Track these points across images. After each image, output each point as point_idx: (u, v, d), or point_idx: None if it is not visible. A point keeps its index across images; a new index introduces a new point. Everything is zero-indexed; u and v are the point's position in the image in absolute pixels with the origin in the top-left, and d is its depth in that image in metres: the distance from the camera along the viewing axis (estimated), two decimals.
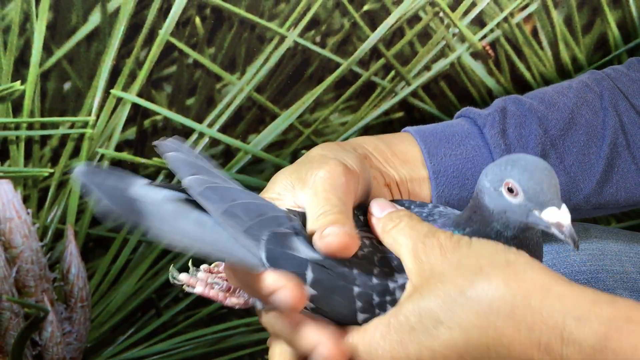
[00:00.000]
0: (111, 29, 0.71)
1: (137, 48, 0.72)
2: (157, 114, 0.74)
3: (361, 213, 0.48)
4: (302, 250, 0.44)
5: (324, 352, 0.44)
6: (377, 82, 0.76)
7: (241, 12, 0.73)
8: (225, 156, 0.76)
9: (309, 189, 0.46)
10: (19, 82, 0.71)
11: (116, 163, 0.74)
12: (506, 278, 0.41)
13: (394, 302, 0.44)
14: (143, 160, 0.75)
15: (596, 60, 0.78)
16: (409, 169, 0.54)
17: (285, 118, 0.76)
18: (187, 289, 0.47)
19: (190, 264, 0.47)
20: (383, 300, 0.44)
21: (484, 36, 0.76)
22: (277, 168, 0.70)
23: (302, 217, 0.46)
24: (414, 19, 0.75)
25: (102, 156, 0.74)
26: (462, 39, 0.76)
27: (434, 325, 0.42)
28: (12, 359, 0.77)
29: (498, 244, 0.43)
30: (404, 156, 0.54)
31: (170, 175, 0.76)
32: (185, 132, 0.74)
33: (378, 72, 0.76)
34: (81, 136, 0.73)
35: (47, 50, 0.70)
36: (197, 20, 0.72)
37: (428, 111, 0.77)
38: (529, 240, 0.44)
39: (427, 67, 0.76)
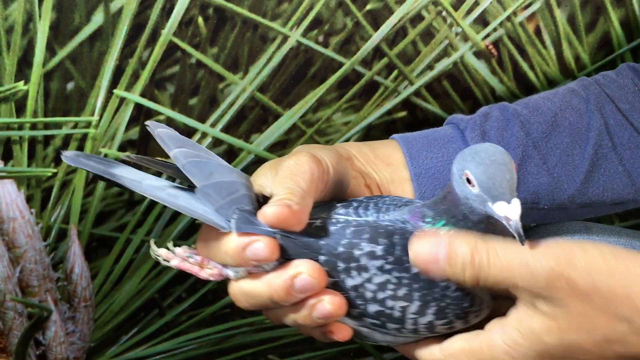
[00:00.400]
0: (114, 29, 0.71)
1: (140, 48, 0.72)
2: (160, 114, 0.74)
3: (342, 205, 0.49)
4: (264, 226, 0.47)
5: (305, 278, 0.45)
6: (380, 81, 0.76)
7: (244, 11, 0.73)
8: (228, 156, 0.76)
9: (277, 176, 0.49)
10: (22, 82, 0.71)
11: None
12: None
13: (359, 269, 0.46)
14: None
15: (599, 59, 0.78)
16: (391, 170, 0.55)
17: (288, 118, 0.76)
18: (164, 263, 0.50)
19: (169, 244, 0.50)
20: (347, 267, 0.46)
21: (487, 35, 0.76)
22: None
23: None
24: (417, 18, 0.75)
25: (106, 156, 0.74)
26: (465, 38, 0.76)
27: (582, 354, 0.43)
28: (15, 358, 0.77)
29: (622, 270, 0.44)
30: (386, 159, 0.55)
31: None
32: (188, 132, 0.74)
33: (381, 71, 0.76)
34: (84, 136, 0.73)
35: (50, 51, 0.70)
36: (200, 20, 0.72)
37: (431, 111, 0.77)
38: (495, 226, 0.46)
39: (430, 67, 0.76)
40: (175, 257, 0.50)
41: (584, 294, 0.43)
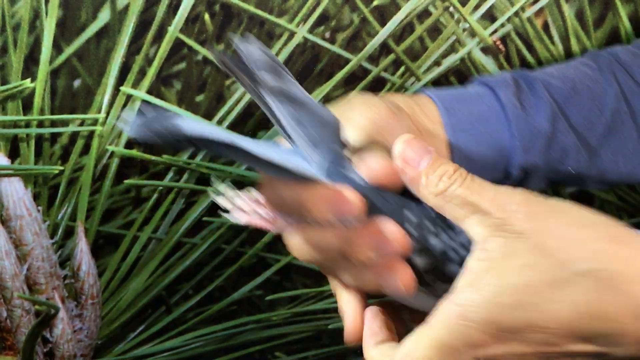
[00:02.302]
0: (121, 26, 0.70)
1: (147, 45, 0.72)
2: (167, 111, 0.74)
3: None
4: (357, 176, 0.43)
5: (389, 237, 0.42)
6: (387, 77, 0.76)
7: (250, 8, 0.72)
8: None
9: (351, 124, 0.46)
10: (29, 79, 0.70)
11: (126, 160, 0.74)
12: (616, 251, 0.41)
13: (448, 229, 0.43)
14: (153, 158, 0.74)
15: None
16: (435, 128, 0.53)
17: None
18: (231, 218, 0.45)
19: (231, 190, 0.46)
20: (437, 230, 0.43)
21: (495, 31, 0.76)
22: None
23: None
24: (424, 14, 0.75)
25: (112, 153, 0.74)
26: (473, 33, 0.76)
27: (535, 301, 0.41)
28: (23, 356, 0.77)
29: (590, 211, 0.43)
30: (431, 115, 0.53)
31: (179, 172, 0.76)
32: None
33: (388, 67, 0.76)
34: (91, 133, 0.73)
35: (57, 48, 0.70)
36: (207, 16, 0.72)
37: None
38: None
39: (437, 63, 0.76)
40: (244, 212, 0.45)
41: (545, 228, 0.42)
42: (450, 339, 0.42)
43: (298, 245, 0.45)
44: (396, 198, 0.43)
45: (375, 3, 0.74)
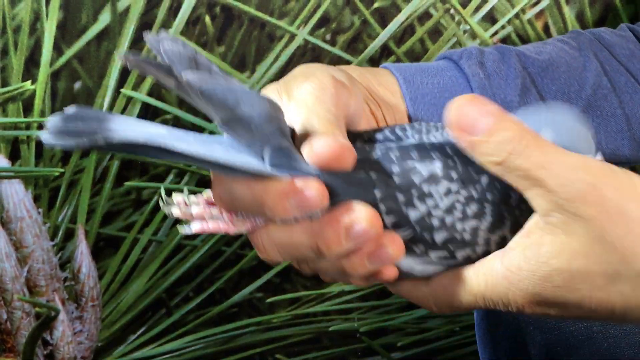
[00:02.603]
0: (121, 28, 0.70)
1: (147, 47, 0.71)
2: (167, 113, 0.74)
3: (370, 132, 0.43)
4: (304, 165, 0.40)
5: (362, 227, 0.39)
6: None
7: (251, 10, 0.72)
8: None
9: (294, 102, 0.41)
10: (29, 81, 0.70)
11: (126, 162, 0.74)
12: None
13: (422, 196, 0.40)
14: (153, 160, 0.74)
15: None
16: (395, 100, 0.50)
17: None
18: (184, 230, 0.41)
19: (181, 195, 0.41)
20: (409, 198, 0.40)
21: (495, 33, 0.76)
22: None
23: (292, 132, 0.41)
24: (425, 16, 0.75)
25: (113, 155, 0.74)
26: (473, 35, 0.76)
27: (588, 288, 0.39)
28: (23, 358, 0.77)
29: None
30: (390, 87, 0.50)
31: (180, 174, 0.76)
32: (195, 131, 0.74)
33: None
34: None
35: (58, 50, 0.70)
36: (207, 18, 0.72)
37: None
38: None
39: None
40: (194, 219, 0.41)
41: (610, 218, 0.39)
42: (491, 295, 0.41)
43: (265, 246, 0.41)
44: (353, 177, 0.40)
45: (375, 5, 0.74)
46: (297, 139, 0.41)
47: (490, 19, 0.76)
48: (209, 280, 0.79)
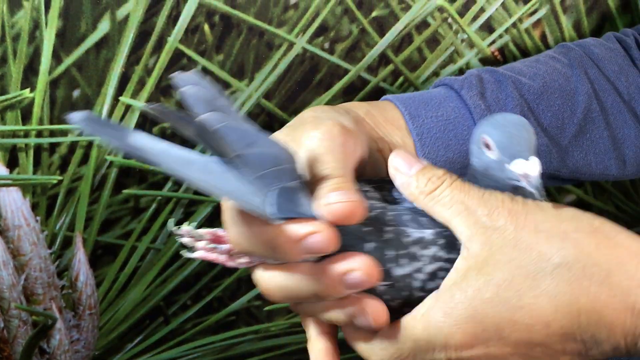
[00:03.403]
0: (120, 36, 0.71)
1: (146, 55, 0.72)
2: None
3: (365, 183, 0.46)
4: (308, 208, 0.42)
5: (359, 275, 0.42)
6: (385, 88, 0.76)
7: (250, 19, 0.73)
8: None
9: (304, 151, 0.44)
10: (28, 89, 0.71)
11: (124, 170, 0.74)
12: (598, 244, 0.41)
13: (410, 257, 0.43)
14: (152, 167, 0.74)
15: None
16: (402, 134, 0.53)
17: None
18: (186, 254, 0.44)
19: (190, 226, 0.44)
20: (397, 255, 0.43)
21: (493, 42, 0.76)
22: None
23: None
24: (423, 24, 0.75)
25: (111, 163, 0.74)
26: (471, 44, 0.76)
27: (515, 296, 0.41)
28: None
29: (573, 208, 0.43)
30: (395, 122, 0.53)
31: (178, 182, 0.76)
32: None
33: (387, 78, 0.76)
34: (90, 143, 0.73)
35: (57, 58, 0.70)
36: (206, 27, 0.72)
37: None
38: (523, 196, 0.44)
39: (435, 73, 0.76)
40: (199, 248, 0.43)
41: (519, 223, 0.42)
42: (429, 335, 0.42)
43: (265, 286, 0.43)
44: (354, 228, 0.42)
45: (374, 14, 0.74)
46: (307, 186, 0.43)
47: (488, 28, 0.76)
48: (206, 289, 0.79)
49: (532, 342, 0.41)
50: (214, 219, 0.77)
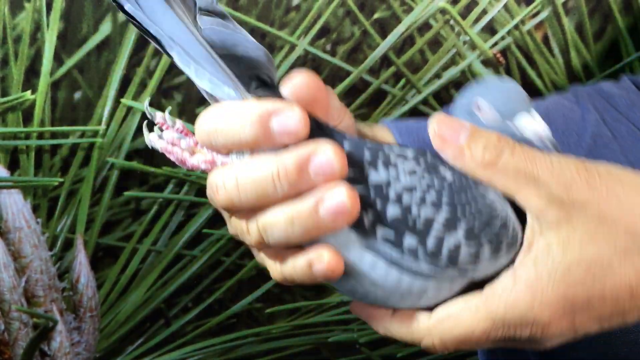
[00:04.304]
0: (121, 38, 0.70)
1: (148, 57, 0.72)
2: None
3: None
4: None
5: (327, 157, 0.37)
6: (387, 90, 0.76)
7: (252, 20, 0.72)
8: None
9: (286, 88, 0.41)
10: (29, 91, 0.70)
11: (126, 172, 0.74)
12: None
13: (388, 163, 0.39)
14: (153, 169, 0.74)
15: (607, 67, 0.78)
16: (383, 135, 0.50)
17: None
18: (148, 139, 0.42)
19: (162, 113, 0.42)
20: (374, 159, 0.39)
21: (495, 44, 0.76)
22: None
23: None
24: (425, 27, 0.75)
25: (112, 165, 0.74)
26: (473, 46, 0.76)
27: (605, 273, 0.39)
28: None
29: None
30: (384, 137, 0.51)
31: (179, 184, 0.76)
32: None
33: (388, 80, 0.76)
34: (91, 145, 0.73)
35: (58, 60, 0.70)
36: None
37: None
38: None
39: (437, 75, 0.76)
40: (162, 137, 0.41)
41: (602, 196, 0.39)
42: (507, 314, 0.39)
43: (225, 182, 0.39)
44: (327, 127, 0.39)
45: (376, 16, 0.74)
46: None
47: (490, 30, 0.76)
48: (208, 291, 0.78)
49: (617, 312, 0.40)
50: (215, 221, 0.77)
